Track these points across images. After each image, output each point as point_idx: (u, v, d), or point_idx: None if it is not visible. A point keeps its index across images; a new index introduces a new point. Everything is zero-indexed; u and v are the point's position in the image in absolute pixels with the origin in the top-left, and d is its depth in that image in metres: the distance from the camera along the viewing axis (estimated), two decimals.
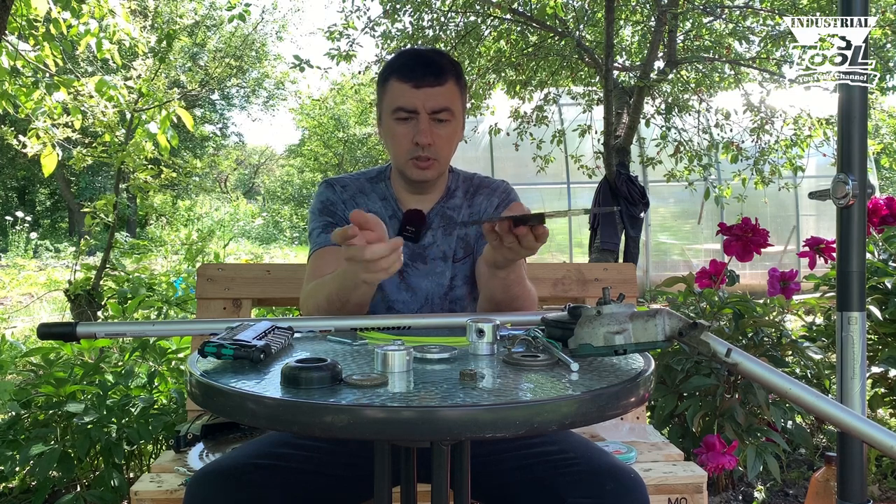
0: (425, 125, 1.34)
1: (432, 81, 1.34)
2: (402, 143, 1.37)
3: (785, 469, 2.63)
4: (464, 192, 1.51)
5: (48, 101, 4.14)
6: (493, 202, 1.50)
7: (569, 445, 1.16)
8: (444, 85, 1.35)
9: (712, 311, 2.44)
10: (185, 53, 19.16)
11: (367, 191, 1.48)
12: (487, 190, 1.52)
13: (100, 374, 2.34)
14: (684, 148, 6.36)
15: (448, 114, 1.36)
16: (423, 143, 1.35)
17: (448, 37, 6.47)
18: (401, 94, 1.34)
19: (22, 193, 22.12)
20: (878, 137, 9.02)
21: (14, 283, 8.57)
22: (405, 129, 1.36)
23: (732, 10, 6.50)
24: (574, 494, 1.08)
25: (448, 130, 1.37)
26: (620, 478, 1.10)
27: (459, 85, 1.39)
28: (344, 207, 1.45)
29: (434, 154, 1.37)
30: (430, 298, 1.44)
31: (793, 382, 0.88)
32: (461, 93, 1.40)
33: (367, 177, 1.51)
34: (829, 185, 1.44)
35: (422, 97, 1.33)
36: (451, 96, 1.36)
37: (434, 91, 1.34)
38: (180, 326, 1.32)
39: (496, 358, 0.91)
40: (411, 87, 1.34)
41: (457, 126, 1.40)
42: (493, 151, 8.84)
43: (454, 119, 1.38)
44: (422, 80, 1.33)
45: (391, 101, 1.36)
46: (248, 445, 1.21)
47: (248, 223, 18.57)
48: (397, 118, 1.36)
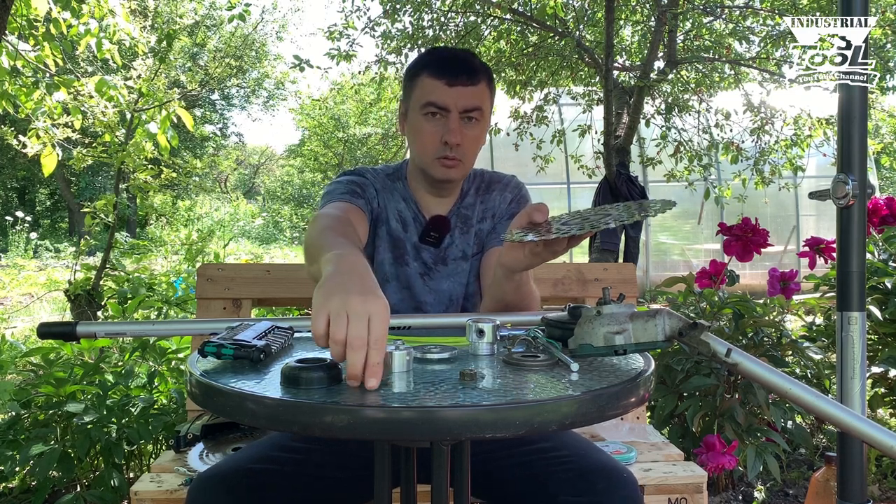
0: (455, 124, 1.32)
1: (465, 80, 1.32)
2: (431, 141, 1.34)
3: (785, 469, 2.62)
4: (475, 190, 1.49)
5: (48, 101, 4.14)
6: (507, 197, 1.48)
7: (562, 443, 1.17)
8: (477, 85, 1.33)
9: (712, 311, 2.44)
10: (185, 53, 19.16)
11: (389, 188, 1.46)
12: (499, 185, 1.50)
13: (100, 374, 2.34)
14: (684, 148, 6.36)
15: (479, 113, 1.34)
16: (452, 142, 1.32)
17: (448, 37, 6.47)
18: (433, 90, 1.32)
19: (22, 193, 22.12)
20: (879, 137, 9.02)
21: (14, 283, 8.57)
22: (434, 127, 1.33)
23: (732, 10, 6.49)
24: (565, 492, 1.09)
25: (476, 131, 1.35)
26: (612, 476, 1.10)
27: (490, 88, 1.38)
28: (374, 193, 1.43)
29: (461, 155, 1.35)
30: (454, 299, 1.43)
31: (793, 382, 0.88)
32: (491, 96, 1.39)
33: (385, 173, 1.49)
34: (829, 185, 1.43)
35: (454, 95, 1.31)
36: (483, 97, 1.34)
37: (467, 90, 1.32)
38: (180, 326, 1.31)
39: (496, 358, 0.91)
40: (444, 83, 1.31)
41: (484, 128, 1.38)
42: (493, 151, 8.84)
43: (483, 120, 1.36)
44: (455, 78, 1.31)
45: (421, 95, 1.34)
46: (248, 449, 1.21)
47: (248, 223, 18.57)
48: (427, 113, 1.33)
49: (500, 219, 1.47)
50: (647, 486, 1.50)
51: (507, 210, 1.47)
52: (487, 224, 1.47)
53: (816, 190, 1.53)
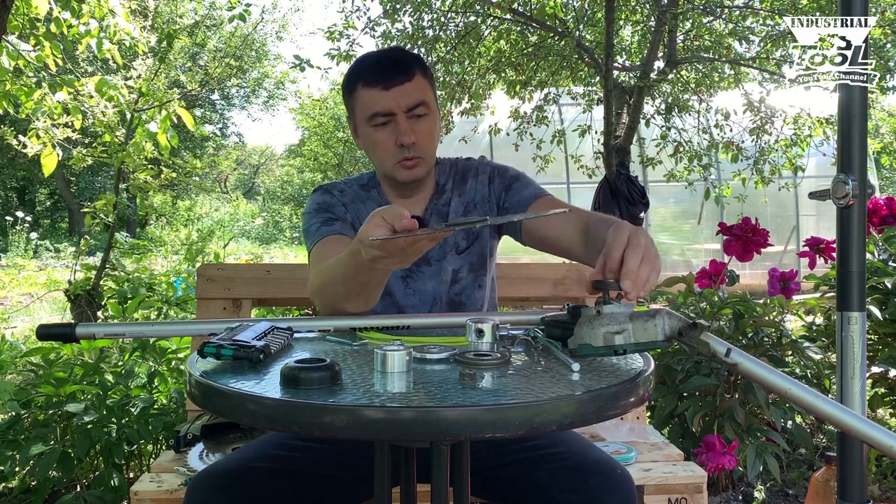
0: (405, 125, 1.30)
1: (401, 79, 1.29)
2: (386, 149, 1.33)
3: (785, 469, 2.62)
4: (452, 182, 1.48)
5: (48, 101, 4.14)
6: (484, 180, 1.47)
7: (559, 439, 1.17)
8: (413, 80, 1.31)
9: (712, 311, 2.44)
10: (185, 53, 19.16)
11: (363, 198, 1.46)
12: (472, 172, 1.48)
13: (100, 374, 2.34)
14: (684, 148, 6.36)
15: (424, 107, 1.32)
16: (406, 142, 1.31)
17: (448, 37, 6.47)
18: (373, 100, 1.30)
19: (22, 193, 22.12)
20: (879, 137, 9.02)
21: (14, 283, 8.56)
22: (386, 134, 1.32)
23: (732, 10, 6.49)
24: (560, 489, 1.09)
25: (427, 125, 1.34)
26: (606, 473, 1.10)
27: (427, 76, 1.35)
28: (344, 210, 1.43)
29: (419, 152, 1.33)
30: (437, 298, 1.42)
31: (793, 382, 0.88)
32: (431, 84, 1.37)
33: (358, 183, 1.48)
34: (829, 185, 1.43)
35: (394, 97, 1.29)
36: (422, 89, 1.32)
37: (405, 88, 1.30)
38: (180, 327, 1.31)
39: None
40: (381, 89, 1.29)
41: (434, 119, 1.36)
42: (493, 151, 8.83)
43: (430, 112, 1.34)
44: (390, 80, 1.29)
45: (364, 109, 1.32)
46: (247, 448, 1.21)
47: (248, 223, 18.55)
48: (375, 125, 1.32)
49: (491, 201, 1.45)
50: (647, 486, 1.50)
51: (492, 190, 1.46)
52: (477, 213, 1.45)
53: (816, 190, 1.53)
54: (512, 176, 1.47)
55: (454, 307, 1.42)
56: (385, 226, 0.93)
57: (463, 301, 1.43)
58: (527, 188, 1.44)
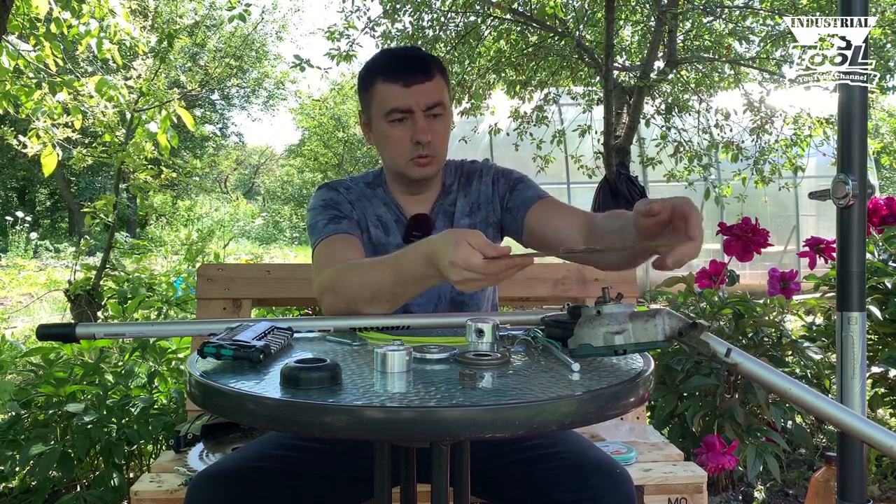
0: (422, 123, 1.32)
1: (421, 78, 1.31)
2: (402, 145, 1.34)
3: (785, 469, 2.62)
4: (458, 184, 1.49)
5: (48, 101, 4.14)
6: (488, 181, 1.49)
7: (559, 439, 1.17)
8: (433, 80, 1.33)
9: (712, 311, 2.44)
10: (185, 53, 19.16)
11: (369, 195, 1.46)
12: (476, 174, 1.50)
13: (100, 374, 2.34)
14: (684, 148, 6.36)
15: (441, 108, 1.34)
16: (423, 140, 1.32)
17: (448, 37, 6.47)
18: (392, 96, 1.32)
19: (22, 193, 22.12)
20: (879, 137, 9.02)
21: (14, 283, 8.56)
22: (402, 131, 1.34)
23: (732, 10, 6.49)
24: (559, 488, 1.09)
25: (443, 125, 1.36)
26: (607, 473, 1.10)
27: (444, 78, 1.37)
28: (350, 208, 1.43)
29: (433, 151, 1.35)
30: (441, 296, 1.43)
31: (793, 382, 0.88)
32: (447, 86, 1.39)
33: (364, 181, 1.50)
34: (829, 185, 1.43)
35: (415, 95, 1.31)
36: (440, 90, 1.34)
37: (425, 87, 1.31)
38: (180, 327, 1.31)
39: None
40: (401, 86, 1.31)
41: (448, 120, 1.38)
42: (493, 151, 8.83)
43: (446, 113, 1.36)
44: (411, 77, 1.31)
45: (382, 104, 1.33)
46: (247, 448, 1.21)
47: (248, 223, 18.54)
48: (392, 120, 1.33)
49: (495, 202, 1.47)
50: (647, 487, 1.50)
51: (496, 191, 1.47)
52: (481, 214, 1.46)
53: (816, 190, 1.53)
54: (516, 178, 1.50)
55: (456, 306, 1.43)
56: (477, 252, 0.95)
57: (465, 300, 1.44)
58: (530, 190, 1.46)
